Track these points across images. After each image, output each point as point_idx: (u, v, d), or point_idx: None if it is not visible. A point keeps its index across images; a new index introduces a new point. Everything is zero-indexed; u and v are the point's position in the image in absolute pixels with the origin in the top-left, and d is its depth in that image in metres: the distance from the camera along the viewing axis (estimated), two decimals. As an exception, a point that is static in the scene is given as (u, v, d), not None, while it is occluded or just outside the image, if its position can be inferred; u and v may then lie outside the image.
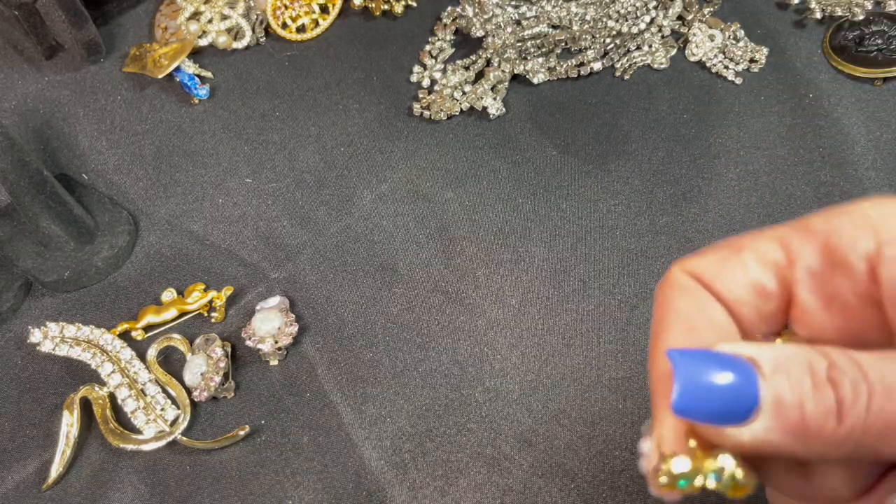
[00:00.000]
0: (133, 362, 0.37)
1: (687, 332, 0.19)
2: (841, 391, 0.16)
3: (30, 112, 0.48)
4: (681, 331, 0.19)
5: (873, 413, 0.16)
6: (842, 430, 0.16)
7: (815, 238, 0.19)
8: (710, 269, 0.19)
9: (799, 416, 0.16)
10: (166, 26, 0.51)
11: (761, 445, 0.17)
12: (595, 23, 0.47)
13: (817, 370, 0.16)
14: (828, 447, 0.16)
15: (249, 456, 0.34)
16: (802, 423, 0.16)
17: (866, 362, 0.16)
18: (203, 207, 0.43)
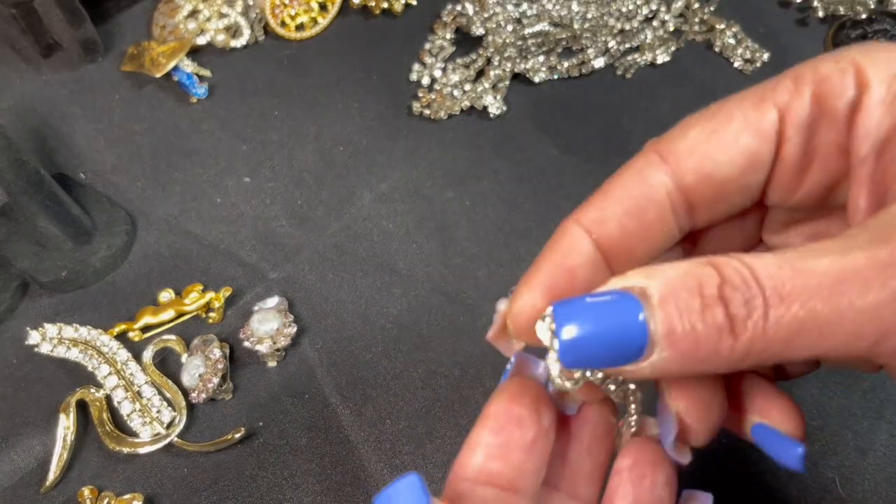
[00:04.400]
0: (129, 364, 0.36)
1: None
2: (732, 308, 0.15)
3: (27, 111, 0.48)
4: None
5: (771, 324, 0.15)
6: (739, 345, 0.16)
7: (806, 88, 0.18)
8: (696, 147, 0.19)
9: (693, 341, 0.16)
10: (164, 25, 0.50)
11: (663, 374, 0.17)
12: (596, 21, 0.46)
13: (707, 289, 0.16)
14: (730, 363, 0.16)
15: (248, 458, 0.34)
16: (697, 347, 0.16)
17: (764, 272, 0.15)
18: (201, 207, 0.43)
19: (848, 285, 0.15)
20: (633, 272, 0.17)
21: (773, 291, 0.15)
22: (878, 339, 0.15)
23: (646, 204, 0.19)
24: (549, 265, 0.19)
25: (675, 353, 0.16)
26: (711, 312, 0.16)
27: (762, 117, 0.19)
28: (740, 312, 0.15)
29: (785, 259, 0.16)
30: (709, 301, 0.16)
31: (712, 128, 0.19)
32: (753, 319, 0.15)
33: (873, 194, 0.18)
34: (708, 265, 0.16)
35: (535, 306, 0.19)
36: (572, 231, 0.19)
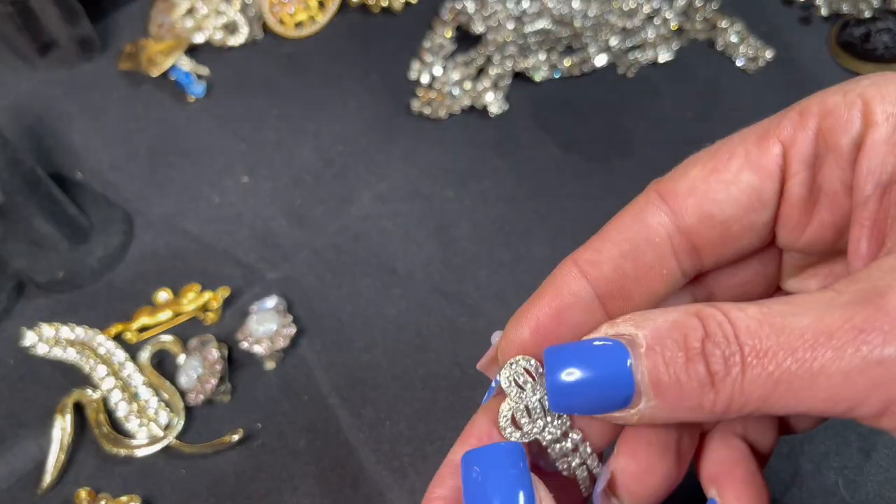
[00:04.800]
0: (127, 365, 0.36)
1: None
2: (712, 364, 0.16)
3: (23, 109, 0.47)
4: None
5: (748, 382, 0.15)
6: (720, 400, 0.16)
7: (810, 122, 0.18)
8: (696, 186, 0.18)
9: (678, 392, 0.16)
10: (161, 22, 0.50)
11: (653, 421, 0.17)
12: (598, 19, 0.46)
13: (691, 342, 0.16)
14: (713, 415, 0.16)
15: (246, 460, 0.34)
16: (682, 398, 0.16)
17: (744, 327, 0.15)
18: (199, 207, 0.43)
19: (821, 349, 0.15)
20: (623, 318, 0.17)
21: (751, 349, 0.15)
22: (853, 405, 0.15)
23: (644, 246, 0.19)
24: (542, 304, 0.19)
25: (661, 403, 0.16)
26: (694, 366, 0.16)
27: (764, 153, 0.18)
28: (720, 369, 0.16)
29: (767, 314, 0.15)
30: (692, 354, 0.16)
31: (713, 166, 0.18)
32: (732, 377, 0.15)
33: (875, 238, 0.17)
34: (694, 316, 0.16)
35: (524, 342, 0.19)
36: (568, 271, 0.19)
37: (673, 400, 0.16)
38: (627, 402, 0.17)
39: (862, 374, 0.14)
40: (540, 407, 0.19)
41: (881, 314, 0.14)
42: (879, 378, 0.14)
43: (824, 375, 0.15)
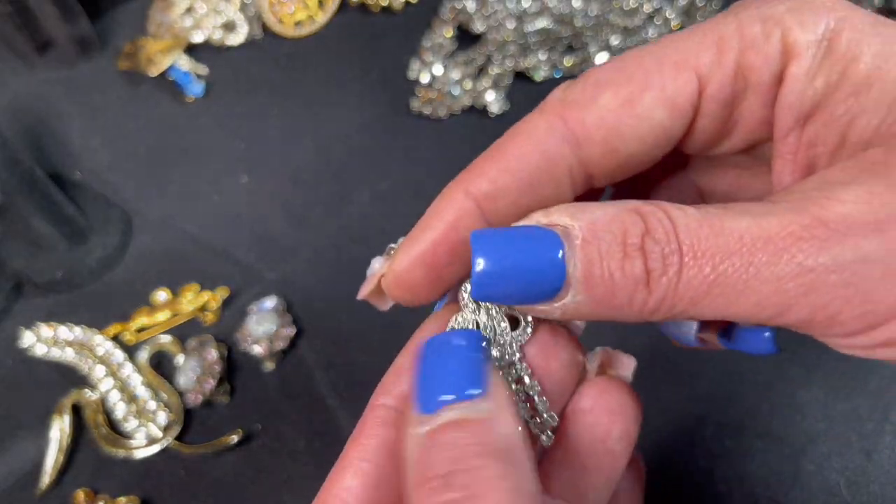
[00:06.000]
0: (125, 365, 0.36)
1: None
2: (650, 261, 0.15)
3: (21, 109, 0.47)
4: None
5: (683, 282, 0.15)
6: (651, 299, 0.15)
7: (729, 58, 0.17)
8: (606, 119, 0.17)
9: (608, 289, 0.15)
10: (160, 21, 0.50)
11: (572, 317, 0.16)
12: (598, 18, 0.46)
13: (631, 238, 0.15)
14: (639, 316, 0.16)
15: (245, 461, 0.34)
16: (612, 295, 0.15)
17: (684, 227, 0.15)
18: (198, 206, 0.42)
19: (758, 253, 0.15)
20: (557, 208, 0.16)
21: (689, 248, 0.15)
22: (781, 311, 0.15)
23: (544, 179, 0.18)
24: (433, 235, 0.18)
25: (588, 298, 0.16)
26: (631, 263, 0.15)
27: (681, 90, 0.17)
28: (657, 266, 0.15)
29: (706, 215, 0.15)
30: (630, 251, 0.15)
31: (626, 96, 0.17)
32: (668, 276, 0.15)
33: (799, 170, 0.17)
34: (634, 212, 0.16)
35: (413, 276, 0.18)
36: (461, 203, 0.18)
37: (602, 296, 0.16)
38: (553, 294, 0.16)
39: (793, 281, 0.14)
40: (492, 328, 0.18)
41: (818, 223, 0.14)
42: (811, 284, 0.14)
43: (758, 280, 0.15)
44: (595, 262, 0.15)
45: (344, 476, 0.17)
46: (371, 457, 0.17)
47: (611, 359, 0.20)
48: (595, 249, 0.15)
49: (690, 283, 0.15)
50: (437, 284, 0.18)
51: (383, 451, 0.17)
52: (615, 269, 0.15)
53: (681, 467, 0.33)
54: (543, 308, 0.16)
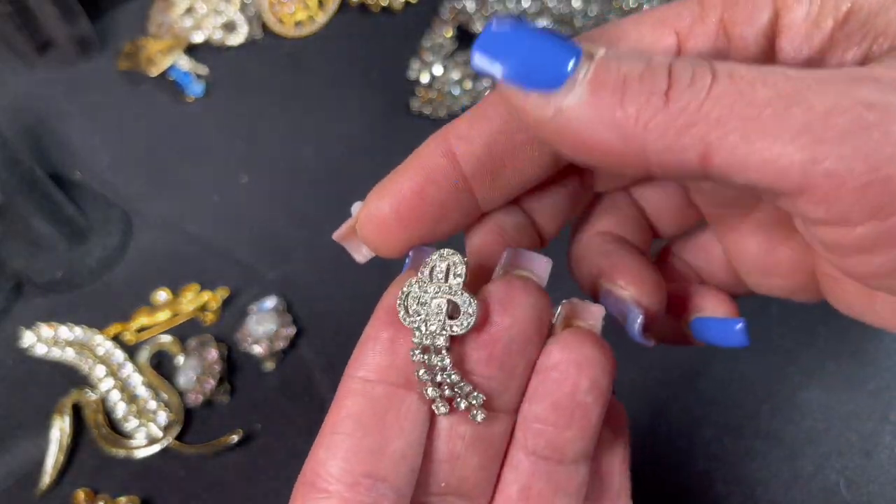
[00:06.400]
0: (125, 365, 0.36)
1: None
2: (675, 73, 0.14)
3: (21, 109, 0.47)
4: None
5: (712, 96, 0.13)
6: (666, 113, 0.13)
7: (711, 14, 0.16)
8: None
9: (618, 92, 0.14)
10: (160, 21, 0.50)
11: (565, 126, 0.14)
12: (598, 18, 0.46)
13: (657, 58, 0.14)
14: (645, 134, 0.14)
15: (245, 461, 0.34)
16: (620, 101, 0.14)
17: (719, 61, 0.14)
18: (198, 206, 0.42)
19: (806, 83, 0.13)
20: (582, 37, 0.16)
21: (725, 71, 0.14)
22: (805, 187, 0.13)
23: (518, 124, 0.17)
24: (405, 178, 0.18)
25: (591, 102, 0.14)
26: (653, 73, 0.14)
27: (655, 43, 0.16)
28: (683, 79, 0.14)
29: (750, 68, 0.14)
30: (655, 64, 0.14)
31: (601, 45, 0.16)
32: (695, 88, 0.13)
33: None
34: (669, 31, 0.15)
35: (384, 217, 0.18)
36: (436, 147, 0.18)
37: (607, 100, 0.14)
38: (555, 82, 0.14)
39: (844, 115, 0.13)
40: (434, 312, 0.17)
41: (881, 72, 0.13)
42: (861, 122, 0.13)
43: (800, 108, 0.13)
44: (612, 66, 0.14)
45: (317, 451, 0.17)
46: (350, 429, 0.17)
47: (576, 310, 0.19)
48: (614, 60, 0.14)
49: (721, 98, 0.13)
50: (407, 231, 0.18)
51: (360, 424, 0.17)
52: (632, 74, 0.14)
53: (680, 468, 0.33)
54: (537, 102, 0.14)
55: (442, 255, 0.18)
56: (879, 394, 0.33)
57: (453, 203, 0.18)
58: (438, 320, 0.17)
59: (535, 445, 0.18)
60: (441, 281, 0.17)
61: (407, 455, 0.17)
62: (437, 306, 0.17)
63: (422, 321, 0.17)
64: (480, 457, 0.18)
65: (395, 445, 0.17)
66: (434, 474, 0.18)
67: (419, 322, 0.17)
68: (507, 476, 0.18)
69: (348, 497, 0.17)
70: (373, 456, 0.17)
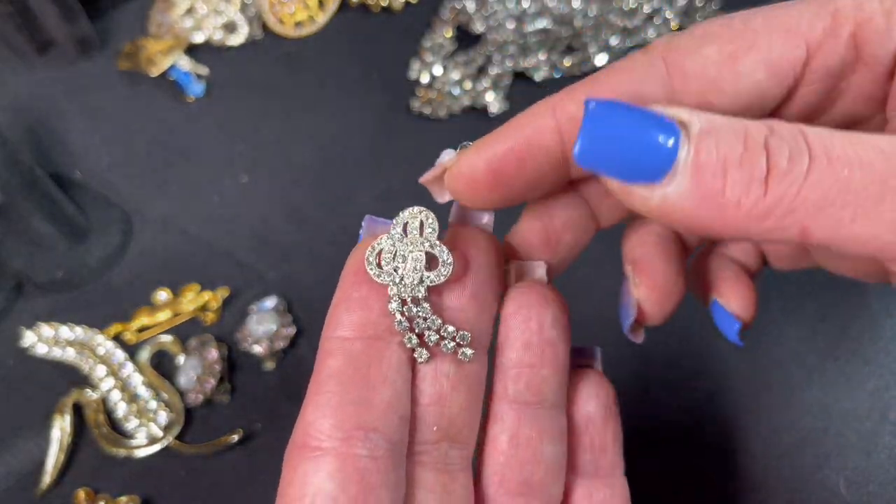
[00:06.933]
0: (126, 365, 0.36)
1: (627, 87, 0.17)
2: (774, 157, 0.14)
3: (22, 109, 0.47)
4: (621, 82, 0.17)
5: (810, 183, 0.14)
6: (767, 199, 0.14)
7: (844, 29, 0.16)
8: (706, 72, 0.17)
9: (720, 179, 0.14)
10: (161, 22, 0.50)
11: (671, 211, 0.15)
12: (598, 18, 0.46)
13: (753, 136, 0.14)
14: (746, 221, 0.14)
15: (245, 461, 0.34)
16: (722, 188, 0.14)
17: (815, 133, 0.14)
18: (198, 206, 0.42)
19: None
20: (674, 106, 0.16)
21: (821, 151, 0.14)
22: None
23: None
24: (508, 142, 0.18)
25: (694, 188, 0.14)
26: (751, 157, 0.14)
27: (787, 55, 0.16)
28: (781, 164, 0.14)
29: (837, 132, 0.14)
30: (752, 146, 0.14)
31: (731, 52, 0.16)
32: (794, 174, 0.14)
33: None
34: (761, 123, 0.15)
35: (476, 174, 0.18)
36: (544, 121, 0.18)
37: (710, 188, 0.14)
38: (658, 176, 0.15)
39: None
40: (408, 261, 0.18)
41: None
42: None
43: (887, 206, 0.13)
44: (711, 150, 0.14)
45: (305, 413, 0.17)
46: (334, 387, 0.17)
47: (523, 269, 0.20)
48: (713, 140, 0.14)
49: (819, 184, 0.14)
50: (497, 191, 0.18)
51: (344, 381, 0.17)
52: (732, 160, 0.14)
53: (680, 468, 0.33)
54: (642, 193, 0.15)
55: (412, 211, 0.18)
56: (879, 394, 0.33)
57: (550, 172, 0.18)
58: (417, 272, 0.18)
59: (515, 391, 0.19)
60: (417, 235, 0.18)
61: (394, 404, 0.18)
62: (416, 258, 0.18)
63: (399, 275, 0.18)
64: (465, 395, 0.19)
65: (382, 396, 0.17)
66: (424, 420, 0.19)
67: (396, 276, 0.18)
68: (494, 430, 0.19)
69: (344, 451, 0.17)
70: (361, 408, 0.17)
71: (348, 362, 0.17)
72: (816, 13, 0.16)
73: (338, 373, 0.17)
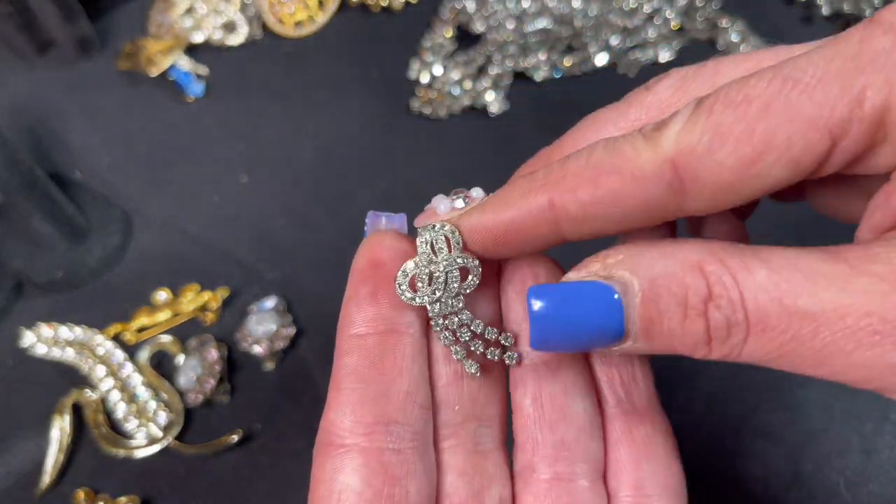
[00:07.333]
0: (125, 365, 0.36)
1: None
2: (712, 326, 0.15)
3: (21, 109, 0.47)
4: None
5: (747, 351, 0.15)
6: (713, 356, 0.16)
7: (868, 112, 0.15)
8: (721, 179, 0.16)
9: (668, 342, 0.16)
10: (160, 22, 0.50)
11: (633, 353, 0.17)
12: (598, 18, 0.46)
13: (692, 300, 0.15)
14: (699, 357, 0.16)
15: (245, 461, 0.34)
16: (672, 347, 0.16)
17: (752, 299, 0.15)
18: (198, 206, 0.42)
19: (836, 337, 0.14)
20: (616, 257, 0.16)
21: (757, 322, 0.15)
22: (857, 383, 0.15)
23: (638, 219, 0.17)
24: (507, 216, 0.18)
25: (648, 346, 0.16)
26: (692, 324, 0.15)
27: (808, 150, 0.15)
28: (720, 333, 0.15)
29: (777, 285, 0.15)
30: (691, 313, 0.15)
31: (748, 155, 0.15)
32: (732, 343, 0.15)
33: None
34: (699, 273, 0.15)
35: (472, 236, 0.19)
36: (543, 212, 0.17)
37: (662, 347, 0.16)
38: (613, 343, 0.16)
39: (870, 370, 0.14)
40: (444, 279, 0.19)
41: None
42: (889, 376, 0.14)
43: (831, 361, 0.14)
44: (655, 320, 0.16)
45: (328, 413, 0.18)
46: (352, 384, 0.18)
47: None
48: (655, 308, 0.16)
49: (755, 353, 0.15)
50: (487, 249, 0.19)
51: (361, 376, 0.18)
52: (675, 327, 0.16)
53: (680, 467, 0.33)
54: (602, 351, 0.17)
55: (434, 228, 0.19)
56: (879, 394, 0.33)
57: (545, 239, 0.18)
58: (454, 286, 0.19)
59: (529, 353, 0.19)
60: (446, 252, 0.19)
61: (412, 393, 0.18)
62: (453, 277, 0.19)
63: (436, 296, 0.19)
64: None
65: (399, 386, 0.18)
66: (444, 401, 0.19)
67: (434, 296, 0.19)
68: (517, 397, 0.20)
69: (366, 446, 0.17)
70: (380, 402, 0.18)
71: (363, 358, 0.18)
72: (841, 93, 0.15)
73: (354, 370, 0.18)
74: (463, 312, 0.19)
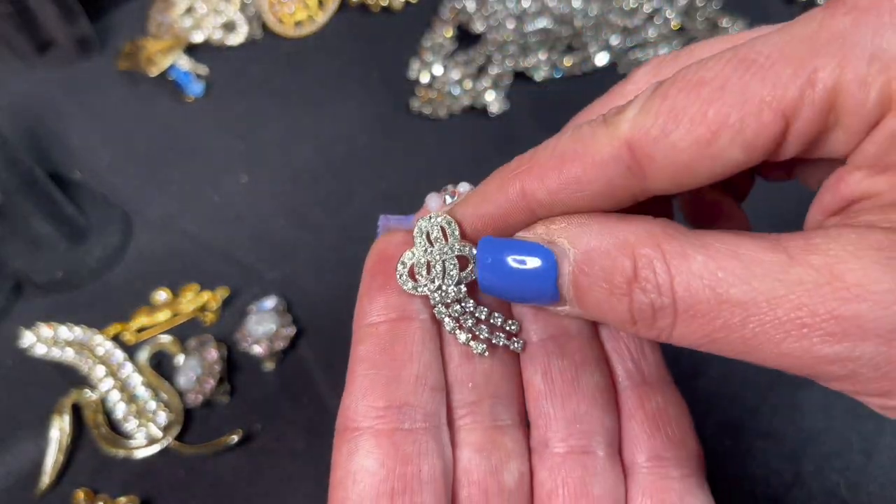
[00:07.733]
0: (125, 365, 0.36)
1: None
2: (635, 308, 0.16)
3: (21, 109, 0.47)
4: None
5: (676, 335, 0.15)
6: (641, 335, 0.16)
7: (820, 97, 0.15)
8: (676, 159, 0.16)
9: (601, 313, 0.17)
10: (160, 21, 0.50)
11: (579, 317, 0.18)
12: (598, 18, 0.46)
13: (617, 279, 0.16)
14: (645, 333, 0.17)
15: (245, 462, 0.34)
16: (606, 318, 0.17)
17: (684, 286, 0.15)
18: (198, 207, 0.42)
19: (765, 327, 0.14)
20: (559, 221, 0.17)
21: (685, 308, 0.15)
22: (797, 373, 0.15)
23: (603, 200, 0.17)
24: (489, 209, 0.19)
25: (584, 313, 0.17)
26: (617, 302, 0.16)
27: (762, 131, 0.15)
28: (644, 315, 0.16)
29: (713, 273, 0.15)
30: (616, 292, 0.16)
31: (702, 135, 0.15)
32: (659, 325, 0.16)
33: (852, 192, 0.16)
34: (629, 255, 0.16)
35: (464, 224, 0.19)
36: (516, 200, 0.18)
37: (595, 315, 0.17)
38: (553, 302, 0.17)
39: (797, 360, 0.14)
40: (441, 267, 0.19)
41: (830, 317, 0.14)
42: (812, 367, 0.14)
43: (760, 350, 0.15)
44: (585, 291, 0.16)
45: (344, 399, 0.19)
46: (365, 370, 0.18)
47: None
48: (585, 279, 0.16)
49: (685, 338, 0.15)
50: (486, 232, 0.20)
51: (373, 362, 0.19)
52: (602, 301, 0.16)
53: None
54: (550, 309, 0.18)
55: (429, 219, 0.19)
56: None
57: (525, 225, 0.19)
58: (454, 276, 0.19)
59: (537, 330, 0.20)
60: (442, 241, 0.19)
61: (423, 375, 0.19)
62: (451, 264, 0.19)
63: (436, 284, 0.19)
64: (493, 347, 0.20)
65: (410, 370, 0.19)
66: (458, 379, 0.20)
67: (433, 286, 0.19)
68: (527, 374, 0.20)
69: (380, 429, 0.18)
70: (391, 386, 0.18)
71: (375, 345, 0.19)
72: (793, 75, 0.15)
73: (367, 357, 0.19)
74: (466, 300, 0.19)
